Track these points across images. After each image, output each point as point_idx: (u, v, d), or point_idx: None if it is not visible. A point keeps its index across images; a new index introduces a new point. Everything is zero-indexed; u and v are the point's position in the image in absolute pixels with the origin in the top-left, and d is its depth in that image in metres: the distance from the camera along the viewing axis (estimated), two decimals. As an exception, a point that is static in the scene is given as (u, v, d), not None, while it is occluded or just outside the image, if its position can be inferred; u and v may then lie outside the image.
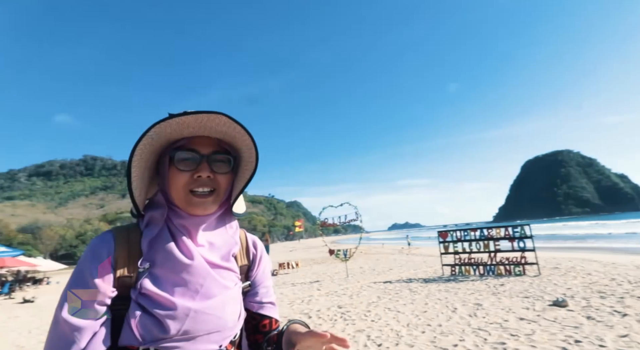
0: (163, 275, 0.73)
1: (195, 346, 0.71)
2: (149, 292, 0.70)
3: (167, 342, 0.68)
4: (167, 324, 0.68)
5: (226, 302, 0.77)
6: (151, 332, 0.67)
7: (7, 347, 6.50)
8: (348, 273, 12.15)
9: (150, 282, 0.71)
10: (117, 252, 0.72)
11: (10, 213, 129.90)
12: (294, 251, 41.21)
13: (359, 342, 4.46)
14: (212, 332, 0.73)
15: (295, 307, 7.22)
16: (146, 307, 0.69)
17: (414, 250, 23.69)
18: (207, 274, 0.75)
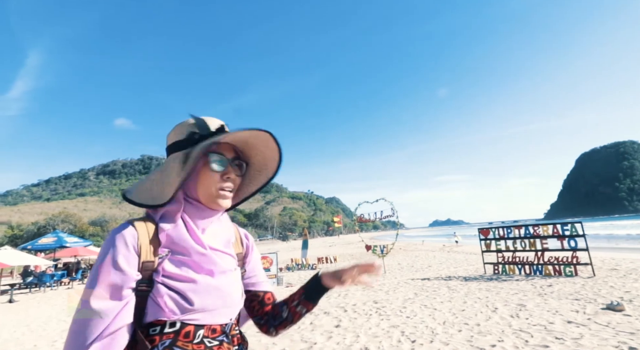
0: (181, 260, 0.82)
1: (212, 319, 0.82)
2: (171, 274, 0.79)
3: (190, 313, 0.79)
4: (190, 297, 0.79)
5: (233, 282, 0.89)
6: (177, 305, 0.77)
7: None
8: (385, 269, 12.05)
9: (172, 265, 0.81)
10: (141, 240, 0.80)
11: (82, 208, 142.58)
12: (333, 246, 41.45)
13: (393, 337, 4.44)
14: (224, 306, 0.85)
15: (331, 301, 7.30)
16: (170, 285, 0.78)
17: (456, 248, 22.92)
18: (217, 258, 0.86)
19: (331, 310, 6.39)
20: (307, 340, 4.70)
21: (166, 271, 0.79)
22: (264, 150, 0.97)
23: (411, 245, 30.24)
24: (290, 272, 14.78)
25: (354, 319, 5.57)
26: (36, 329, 7.28)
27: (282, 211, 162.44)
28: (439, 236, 64.96)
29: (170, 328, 0.77)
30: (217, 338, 0.83)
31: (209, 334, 0.82)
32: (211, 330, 0.83)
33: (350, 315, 5.89)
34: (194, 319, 0.80)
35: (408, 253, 20.59)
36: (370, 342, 4.32)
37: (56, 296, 13.53)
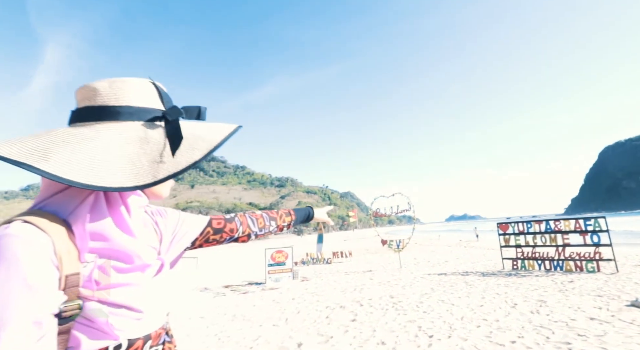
0: (116, 262, 0.63)
1: (157, 323, 0.69)
2: (109, 284, 0.60)
3: (140, 326, 0.64)
4: (137, 307, 0.63)
5: (166, 276, 0.76)
6: (125, 321, 0.61)
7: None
8: (401, 264, 12.00)
9: (106, 271, 0.61)
10: (57, 246, 0.56)
11: None
12: (348, 241, 41.52)
13: (410, 332, 4.43)
14: (164, 305, 0.73)
15: (347, 295, 7.32)
16: (110, 300, 0.60)
17: (473, 243, 22.62)
18: (151, 253, 0.72)
19: (347, 304, 6.41)
20: (323, 334, 4.73)
21: (103, 281, 0.60)
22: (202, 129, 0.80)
23: (427, 240, 30.00)
24: (305, 266, 14.89)
25: (370, 314, 5.58)
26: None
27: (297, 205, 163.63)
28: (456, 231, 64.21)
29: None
30: (160, 342, 0.70)
31: (155, 341, 0.68)
32: (157, 334, 0.69)
33: (366, 309, 5.90)
34: (143, 330, 0.65)
35: (424, 248, 20.44)
36: (387, 337, 4.32)
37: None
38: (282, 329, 5.14)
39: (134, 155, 0.64)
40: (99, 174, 0.59)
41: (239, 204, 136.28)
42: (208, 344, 4.76)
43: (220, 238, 0.98)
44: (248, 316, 6.19)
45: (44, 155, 0.58)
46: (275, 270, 10.79)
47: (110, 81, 0.70)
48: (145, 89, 0.72)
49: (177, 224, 0.86)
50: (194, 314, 6.84)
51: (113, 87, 0.69)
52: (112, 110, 0.67)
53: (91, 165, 0.59)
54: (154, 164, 0.65)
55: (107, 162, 0.61)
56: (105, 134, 0.64)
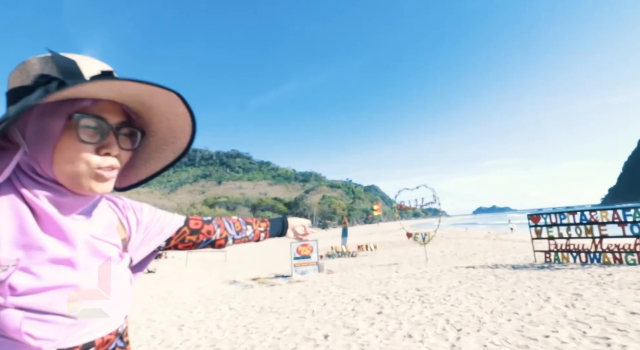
0: (37, 267, 0.55)
1: (104, 327, 0.62)
2: (30, 289, 0.53)
3: (74, 333, 0.57)
4: (66, 312, 0.56)
5: (120, 274, 0.68)
6: (53, 329, 0.55)
7: (135, 309, 7.83)
8: (427, 257, 11.83)
9: (28, 276, 0.54)
10: None
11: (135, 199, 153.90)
12: (373, 234, 41.35)
13: (437, 325, 4.37)
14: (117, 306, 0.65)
15: (373, 288, 7.31)
16: (34, 306, 0.53)
17: (502, 235, 21.98)
18: (90, 256, 0.62)
19: (373, 297, 6.40)
20: (349, 326, 4.75)
21: (20, 287, 0.52)
22: (170, 118, 0.69)
23: (454, 233, 29.40)
24: (330, 260, 14.96)
25: (396, 306, 5.55)
26: (101, 310, 7.97)
27: (321, 200, 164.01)
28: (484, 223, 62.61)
29: None
30: (110, 348, 0.64)
31: (102, 348, 0.62)
32: (104, 341, 0.62)
33: (392, 302, 5.87)
34: (81, 337, 0.58)
35: (451, 241, 20.06)
36: (414, 330, 4.29)
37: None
38: (308, 321, 5.21)
39: None
40: None
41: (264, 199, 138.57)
42: (237, 334, 4.89)
43: (197, 239, 0.92)
44: (275, 308, 6.31)
45: None
46: (301, 263, 10.91)
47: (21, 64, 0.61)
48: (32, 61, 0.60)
49: (151, 221, 0.81)
50: (224, 305, 7.04)
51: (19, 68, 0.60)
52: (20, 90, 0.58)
53: None
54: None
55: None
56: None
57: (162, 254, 28.05)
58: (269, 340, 4.46)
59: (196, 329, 5.39)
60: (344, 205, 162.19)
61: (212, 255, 25.83)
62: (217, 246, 0.99)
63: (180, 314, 6.68)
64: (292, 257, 11.03)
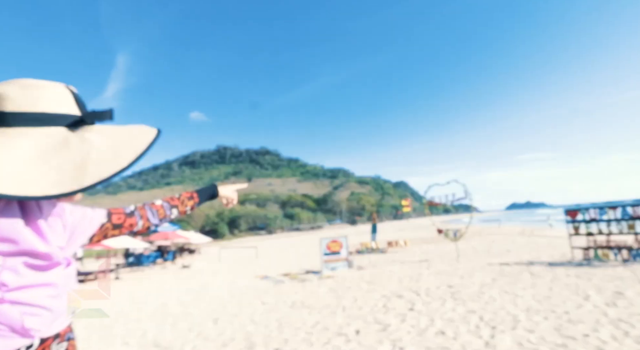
0: (21, 267, 0.63)
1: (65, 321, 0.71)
2: (18, 286, 0.62)
3: (52, 326, 0.66)
4: (51, 308, 0.65)
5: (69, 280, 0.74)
6: (39, 321, 0.63)
7: (172, 301, 8.25)
8: (459, 253, 11.59)
9: (13, 275, 0.62)
10: None
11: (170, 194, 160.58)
12: (403, 230, 40.86)
13: (470, 322, 4.32)
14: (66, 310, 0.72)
15: (404, 284, 7.28)
16: (21, 301, 0.62)
17: (538, 232, 21.09)
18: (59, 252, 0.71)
19: (404, 293, 6.39)
20: (380, 322, 4.79)
21: (11, 283, 0.61)
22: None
23: (486, 229, 28.51)
24: (360, 256, 14.97)
25: (428, 303, 5.51)
26: (138, 303, 8.47)
27: (349, 196, 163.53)
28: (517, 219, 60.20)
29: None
30: (65, 338, 0.71)
31: (62, 338, 0.70)
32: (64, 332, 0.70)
33: (423, 299, 5.84)
34: (55, 328, 0.67)
35: (483, 237, 19.50)
36: (447, 327, 4.26)
37: (153, 274, 15.59)
38: (339, 316, 5.29)
39: (54, 162, 0.63)
40: (22, 183, 0.58)
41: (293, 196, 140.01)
42: (271, 328, 5.05)
43: (119, 233, 0.96)
44: (307, 303, 6.44)
45: None
46: (330, 259, 11.01)
47: (20, 85, 0.66)
48: (60, 94, 0.70)
49: (75, 221, 0.83)
50: (257, 300, 7.26)
51: (26, 92, 0.66)
52: (28, 116, 0.64)
53: (14, 174, 0.58)
54: (76, 171, 0.63)
55: (28, 170, 0.60)
56: (22, 141, 0.62)
57: (197, 249, 29.08)
58: (302, 335, 4.58)
59: (230, 323, 5.61)
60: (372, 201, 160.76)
61: (243, 252, 26.50)
62: (139, 234, 1.10)
63: (215, 307, 6.97)
64: (322, 253, 11.14)
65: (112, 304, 8.62)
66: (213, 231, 75.75)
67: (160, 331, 5.57)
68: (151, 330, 5.67)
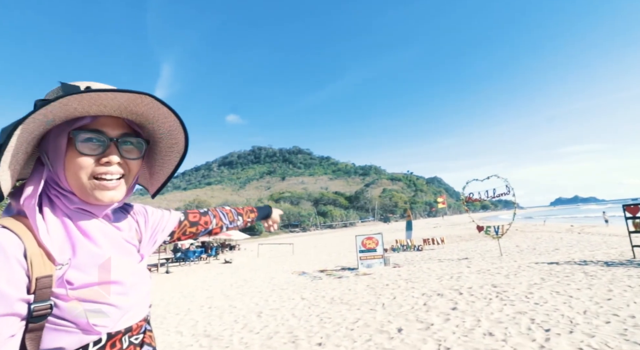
0: (84, 265, 0.66)
1: (137, 315, 0.73)
2: (84, 283, 0.64)
3: (118, 320, 0.68)
4: (116, 302, 0.67)
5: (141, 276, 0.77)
6: (104, 317, 0.65)
7: (217, 295, 8.57)
8: (502, 251, 11.11)
9: (79, 272, 0.64)
10: (29, 249, 0.60)
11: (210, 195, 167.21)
12: (438, 228, 39.79)
13: (521, 324, 4.12)
14: (138, 304, 0.74)
15: (444, 283, 7.09)
16: (88, 297, 0.63)
17: (589, 229, 19.76)
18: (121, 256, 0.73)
19: (445, 292, 6.22)
20: (423, 320, 4.69)
21: (76, 282, 0.63)
22: (161, 120, 0.77)
23: (530, 226, 27.12)
24: (396, 253, 14.77)
25: (472, 303, 5.33)
26: (188, 295, 8.85)
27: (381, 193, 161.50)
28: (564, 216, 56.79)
29: (94, 346, 0.63)
30: (141, 331, 0.75)
31: (136, 331, 0.73)
32: (138, 326, 0.74)
33: (466, 298, 5.65)
34: (125, 323, 0.69)
35: (527, 234, 18.55)
36: (495, 328, 4.09)
37: (198, 269, 16.27)
38: (379, 314, 5.23)
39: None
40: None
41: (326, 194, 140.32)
42: (312, 323, 5.09)
43: (197, 230, 1.04)
44: (345, 300, 6.43)
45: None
46: (366, 256, 10.94)
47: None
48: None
49: (156, 221, 0.90)
50: (296, 295, 7.35)
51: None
52: None
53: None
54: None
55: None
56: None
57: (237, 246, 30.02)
58: (343, 331, 4.58)
59: (273, 316, 5.72)
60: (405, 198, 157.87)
61: (280, 248, 26.96)
62: (214, 233, 1.12)
63: (258, 301, 7.13)
64: (358, 250, 11.10)
65: (165, 296, 9.08)
66: (250, 228, 77.66)
67: (209, 323, 5.80)
68: (201, 322, 5.91)
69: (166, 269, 15.57)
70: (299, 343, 4.27)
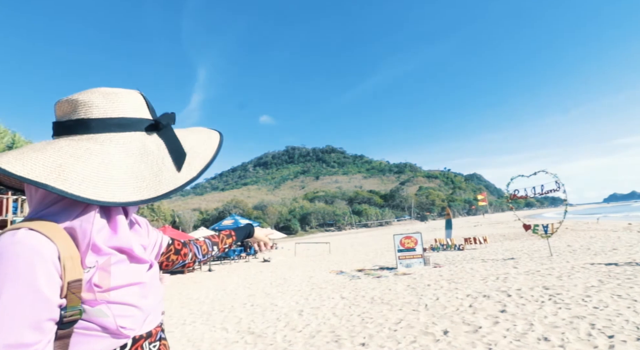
0: (117, 264, 0.66)
1: (156, 320, 0.73)
2: (113, 286, 0.64)
3: (143, 323, 0.68)
4: (141, 305, 0.67)
5: (156, 280, 0.77)
6: (132, 320, 0.65)
7: (258, 293, 8.78)
8: (552, 251, 10.48)
9: (108, 274, 0.64)
10: (63, 253, 0.58)
11: (247, 195, 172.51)
12: (479, 226, 38.28)
13: (579, 329, 3.86)
14: (161, 301, 0.77)
15: (489, 284, 6.80)
16: (116, 300, 0.63)
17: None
18: (140, 252, 0.74)
19: (491, 294, 5.96)
20: (469, 323, 4.52)
21: (104, 284, 0.62)
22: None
23: (581, 224, 25.35)
24: (435, 253, 14.36)
25: (522, 306, 5.06)
26: (230, 293, 9.14)
27: (417, 191, 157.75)
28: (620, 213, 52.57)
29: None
30: (157, 338, 0.73)
31: (154, 338, 0.72)
32: (155, 332, 0.72)
33: (516, 300, 5.38)
34: (146, 327, 0.69)
35: (579, 233, 17.36)
36: (550, 333, 3.86)
37: (238, 267, 16.75)
38: (422, 315, 5.11)
39: (136, 169, 0.66)
40: (108, 190, 0.60)
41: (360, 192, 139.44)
42: (354, 323, 5.07)
43: (176, 260, 1.02)
44: (386, 300, 6.34)
45: (60, 174, 0.59)
46: (405, 256, 10.73)
47: (102, 93, 0.69)
48: (136, 99, 0.73)
49: (156, 238, 0.91)
50: (336, 294, 7.36)
51: (108, 98, 0.69)
52: (111, 122, 0.68)
53: (102, 182, 0.61)
54: (154, 177, 0.66)
55: (114, 177, 0.62)
56: (108, 148, 0.65)
57: (274, 245, 30.66)
58: (386, 331, 4.52)
59: (314, 315, 5.76)
60: (443, 196, 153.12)
61: (316, 247, 27.13)
62: (187, 267, 1.12)
63: (298, 300, 7.22)
64: (396, 250, 10.91)
65: (210, 293, 9.44)
66: (286, 227, 79.01)
67: (252, 320, 5.95)
68: (245, 319, 6.08)
69: (209, 267, 16.21)
70: (342, 342, 4.27)
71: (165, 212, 56.68)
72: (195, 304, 8.04)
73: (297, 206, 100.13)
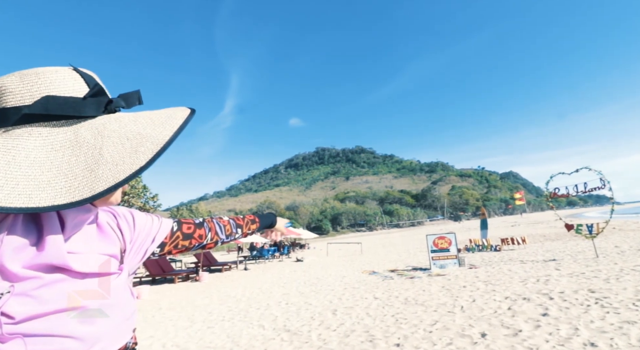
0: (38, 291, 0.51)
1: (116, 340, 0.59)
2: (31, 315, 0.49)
3: None
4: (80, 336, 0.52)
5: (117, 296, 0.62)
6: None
7: (293, 291, 8.98)
8: (597, 252, 9.91)
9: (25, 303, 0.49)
10: None
11: (279, 196, 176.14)
12: (516, 226, 36.76)
13: (630, 335, 3.66)
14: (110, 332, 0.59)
15: (529, 286, 6.56)
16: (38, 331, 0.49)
17: None
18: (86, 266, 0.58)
19: (532, 296, 5.75)
20: (509, 326, 4.40)
21: (19, 314, 0.48)
22: None
23: (630, 224, 23.69)
24: (470, 254, 13.98)
25: (566, 309, 4.86)
26: (265, 291, 9.40)
27: (450, 190, 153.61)
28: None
29: None
30: None
31: None
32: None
33: (558, 303, 5.17)
34: None
35: (627, 233, 16.26)
36: (597, 338, 3.69)
37: (272, 266, 17.19)
38: (458, 317, 5.03)
39: (64, 165, 0.52)
40: (24, 192, 0.47)
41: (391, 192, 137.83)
42: (387, 323, 5.08)
43: (190, 244, 0.89)
44: (420, 301, 6.28)
45: None
46: (439, 256, 10.54)
47: (20, 74, 0.55)
48: (67, 79, 0.56)
49: (147, 229, 0.77)
50: (369, 294, 7.37)
51: (25, 81, 0.54)
52: (30, 109, 0.52)
53: (13, 183, 0.47)
54: (89, 173, 0.52)
55: (33, 178, 0.49)
56: (25, 142, 0.52)
57: (306, 245, 31.08)
58: (421, 333, 4.50)
59: (348, 315, 5.82)
60: (477, 195, 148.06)
61: (348, 247, 27.17)
62: (207, 248, 1.02)
63: (331, 299, 7.30)
64: (429, 250, 10.74)
65: (246, 291, 9.76)
66: (318, 228, 79.65)
67: (287, 318, 6.10)
68: (280, 317, 6.25)
69: (244, 266, 16.72)
70: (377, 343, 4.29)
71: (203, 213, 58.70)
72: (232, 302, 8.33)
73: (328, 206, 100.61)
